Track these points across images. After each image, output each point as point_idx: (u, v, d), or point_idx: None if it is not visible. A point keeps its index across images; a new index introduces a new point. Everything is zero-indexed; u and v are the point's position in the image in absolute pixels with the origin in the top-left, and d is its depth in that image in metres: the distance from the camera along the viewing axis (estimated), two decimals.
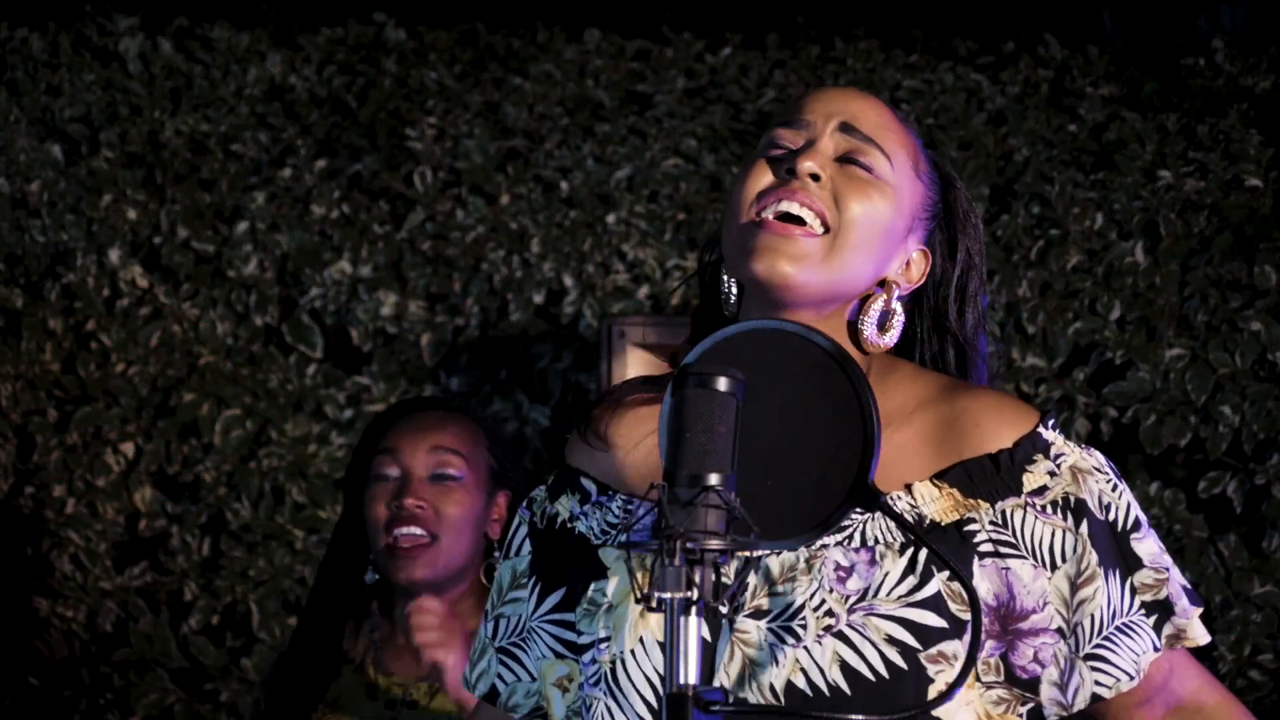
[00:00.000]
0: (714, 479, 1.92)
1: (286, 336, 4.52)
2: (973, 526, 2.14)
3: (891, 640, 2.10)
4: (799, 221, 2.18)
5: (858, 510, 2.15)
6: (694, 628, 1.89)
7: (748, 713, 2.07)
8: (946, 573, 2.11)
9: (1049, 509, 2.16)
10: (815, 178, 2.19)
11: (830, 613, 2.11)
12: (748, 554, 1.96)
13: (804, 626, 2.11)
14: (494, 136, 4.55)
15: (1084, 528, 2.16)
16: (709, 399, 1.95)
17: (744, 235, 2.20)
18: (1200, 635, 2.19)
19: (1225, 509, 4.17)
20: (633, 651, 2.16)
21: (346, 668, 3.40)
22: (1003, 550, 2.14)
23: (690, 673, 1.88)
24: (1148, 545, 2.19)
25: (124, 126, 4.62)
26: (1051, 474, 2.17)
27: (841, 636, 2.11)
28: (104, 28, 4.74)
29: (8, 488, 4.55)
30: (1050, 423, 2.21)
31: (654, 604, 1.89)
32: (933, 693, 2.09)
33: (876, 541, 2.14)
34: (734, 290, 2.26)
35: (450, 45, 4.77)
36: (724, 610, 2.12)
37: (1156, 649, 2.17)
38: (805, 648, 2.11)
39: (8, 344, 4.55)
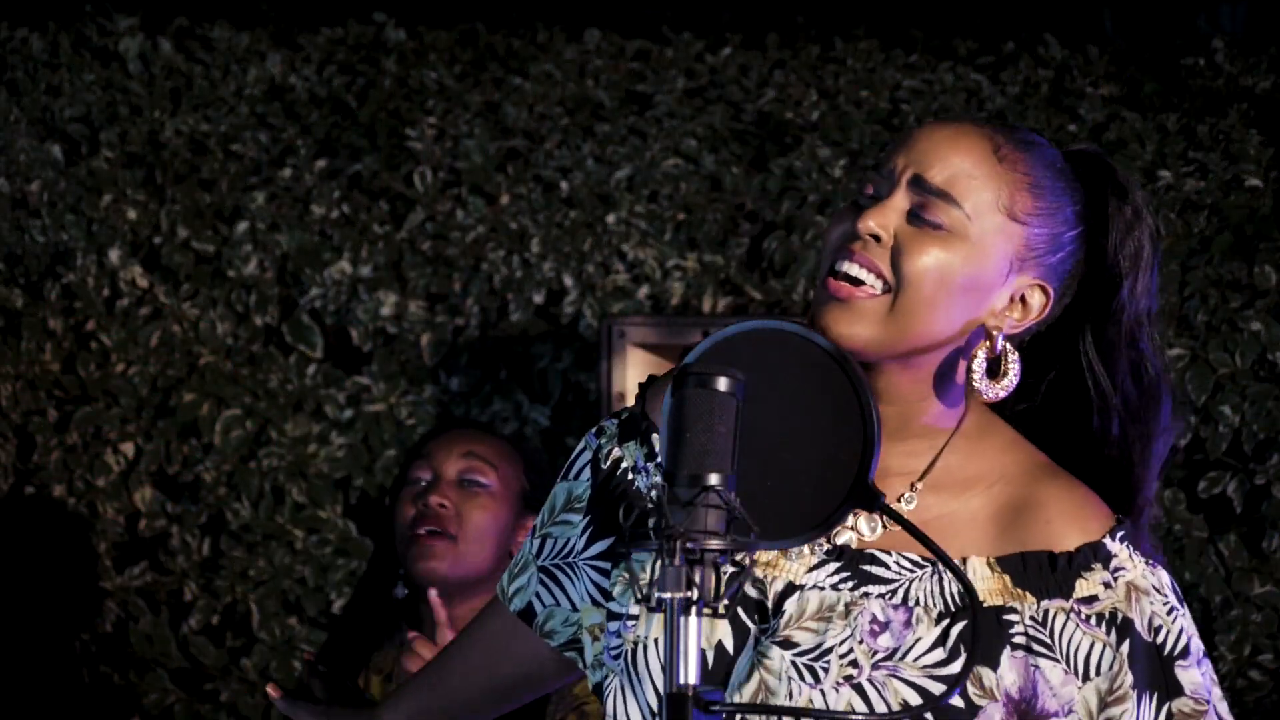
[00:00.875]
0: (714, 479, 1.92)
1: (286, 336, 4.52)
2: (1012, 616, 2.13)
3: (906, 706, 2.09)
4: (859, 281, 2.16)
5: (908, 567, 2.15)
6: (694, 627, 1.89)
7: (748, 712, 2.07)
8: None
9: (1093, 620, 2.15)
10: (876, 238, 2.16)
11: (855, 663, 2.11)
12: (742, 562, 1.96)
13: (826, 669, 2.11)
14: (494, 136, 4.55)
15: (1125, 647, 2.14)
16: (709, 399, 1.95)
17: (818, 288, 2.18)
18: None
19: (1225, 509, 4.17)
20: (656, 640, 2.16)
21: (375, 678, 3.43)
22: (1035, 648, 2.13)
23: (690, 673, 1.89)
24: (1193, 674, 2.17)
25: (124, 126, 4.62)
26: (1106, 585, 2.16)
27: (859, 690, 2.10)
28: (104, 28, 4.74)
29: (8, 488, 4.55)
30: (1120, 534, 2.18)
31: (653, 604, 1.90)
32: None
33: (917, 603, 2.13)
34: None
35: (450, 45, 4.77)
36: (751, 626, 2.12)
37: None
38: (822, 690, 2.11)
39: (8, 344, 4.55)
